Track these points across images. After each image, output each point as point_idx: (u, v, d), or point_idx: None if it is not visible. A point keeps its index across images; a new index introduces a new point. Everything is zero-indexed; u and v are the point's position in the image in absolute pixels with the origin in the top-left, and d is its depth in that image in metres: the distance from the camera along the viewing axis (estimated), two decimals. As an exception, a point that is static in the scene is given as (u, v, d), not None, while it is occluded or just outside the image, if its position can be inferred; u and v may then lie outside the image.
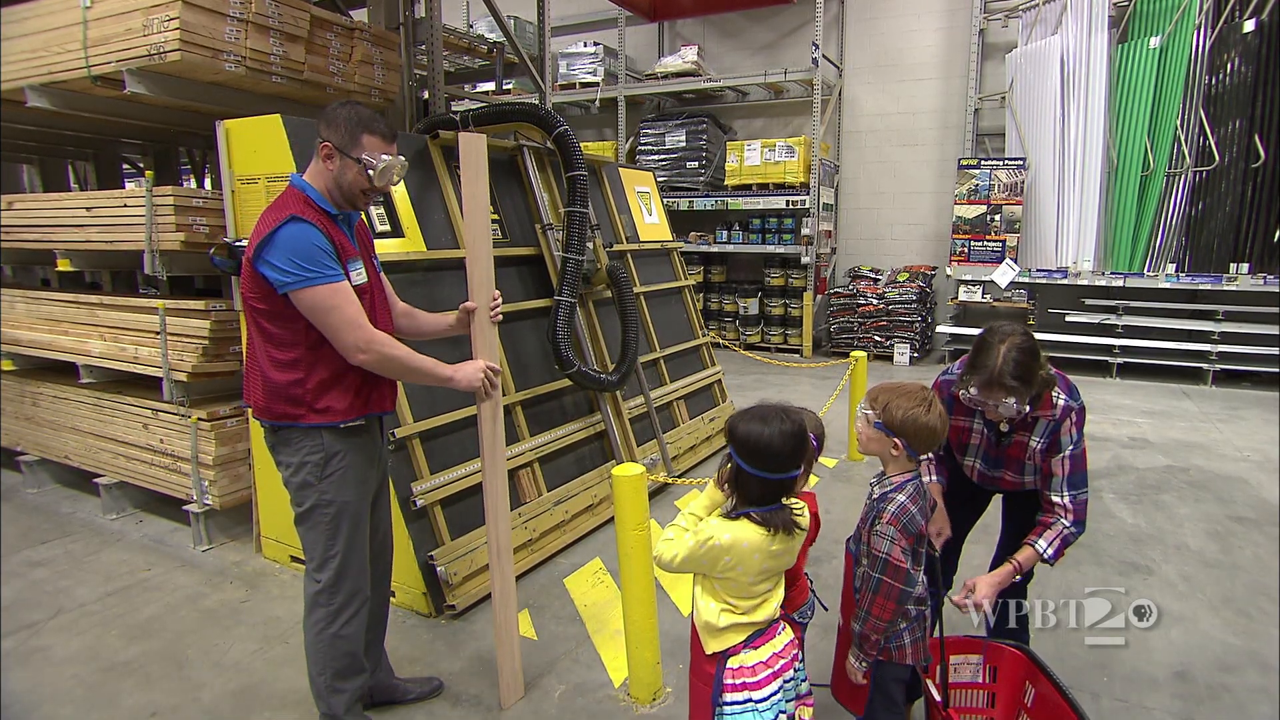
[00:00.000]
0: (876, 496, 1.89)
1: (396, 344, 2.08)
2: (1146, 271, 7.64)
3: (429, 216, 3.55)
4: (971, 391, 1.97)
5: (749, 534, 1.61)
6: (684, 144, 9.65)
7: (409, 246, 3.37)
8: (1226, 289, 7.24)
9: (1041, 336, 7.67)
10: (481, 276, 2.34)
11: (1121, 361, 7.74)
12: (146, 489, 3.93)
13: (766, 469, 1.61)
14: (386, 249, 3.16)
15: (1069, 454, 2.05)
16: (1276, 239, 7.19)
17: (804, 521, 1.68)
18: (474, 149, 2.33)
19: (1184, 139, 7.41)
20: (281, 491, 2.19)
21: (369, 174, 2.03)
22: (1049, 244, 7.99)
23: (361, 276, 2.08)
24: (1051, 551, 2.05)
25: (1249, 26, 7.08)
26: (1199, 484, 4.63)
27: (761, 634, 1.69)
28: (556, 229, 4.11)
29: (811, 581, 2.09)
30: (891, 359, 8.63)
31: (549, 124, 3.88)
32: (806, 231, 8.82)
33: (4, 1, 3.89)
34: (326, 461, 2.06)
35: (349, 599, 2.14)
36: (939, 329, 8.61)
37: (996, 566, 2.17)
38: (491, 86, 6.99)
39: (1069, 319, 7.97)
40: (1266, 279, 7.06)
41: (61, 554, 3.64)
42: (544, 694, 2.55)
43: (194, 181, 7.37)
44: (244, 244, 2.33)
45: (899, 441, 1.82)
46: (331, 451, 2.07)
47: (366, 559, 2.20)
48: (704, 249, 9.79)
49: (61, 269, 3.97)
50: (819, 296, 9.12)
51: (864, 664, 1.90)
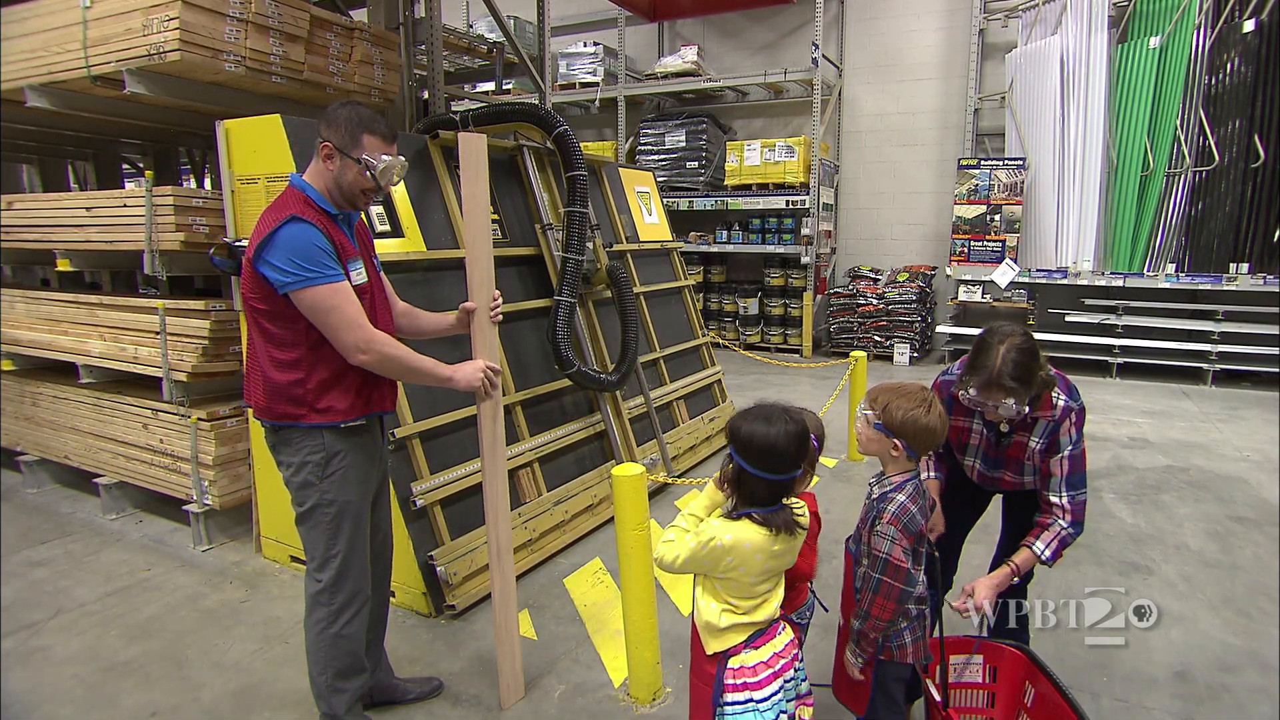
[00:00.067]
0: (876, 496, 1.89)
1: (396, 344, 2.08)
2: (1146, 271, 7.64)
3: (429, 216, 3.55)
4: (971, 392, 1.97)
5: (751, 534, 1.61)
6: (684, 144, 9.65)
7: (409, 246, 3.37)
8: (1226, 289, 7.24)
9: (1041, 336, 7.67)
10: (481, 276, 2.34)
11: (1121, 361, 7.74)
12: (146, 489, 3.94)
13: (770, 470, 1.61)
14: (386, 249, 3.16)
15: (1068, 455, 2.05)
16: (1276, 239, 7.19)
17: (804, 521, 1.68)
18: (474, 149, 2.33)
19: (1184, 139, 7.41)
20: (281, 491, 2.19)
21: (369, 174, 2.03)
22: (1049, 244, 7.99)
23: (361, 276, 2.09)
24: (1049, 553, 2.05)
25: (1249, 26, 7.08)
26: (1199, 484, 4.63)
27: (762, 634, 1.69)
28: (556, 229, 4.11)
29: (811, 582, 2.09)
30: (891, 359, 8.63)
31: (549, 124, 3.88)
32: (806, 231, 8.82)
33: (4, 1, 3.89)
34: (328, 461, 2.07)
35: (350, 599, 2.15)
36: (939, 329, 8.61)
37: (996, 567, 2.17)
38: (491, 86, 6.99)
39: (1069, 319, 7.97)
40: (1266, 279, 7.06)
41: (61, 554, 3.64)
42: (544, 694, 2.55)
43: (194, 181, 7.37)
44: (244, 244, 2.33)
45: (898, 442, 1.82)
46: (333, 451, 2.07)
47: (368, 559, 2.21)
48: (704, 249, 9.79)
49: (61, 269, 3.98)
50: (819, 296, 9.12)
51: (860, 659, 1.90)
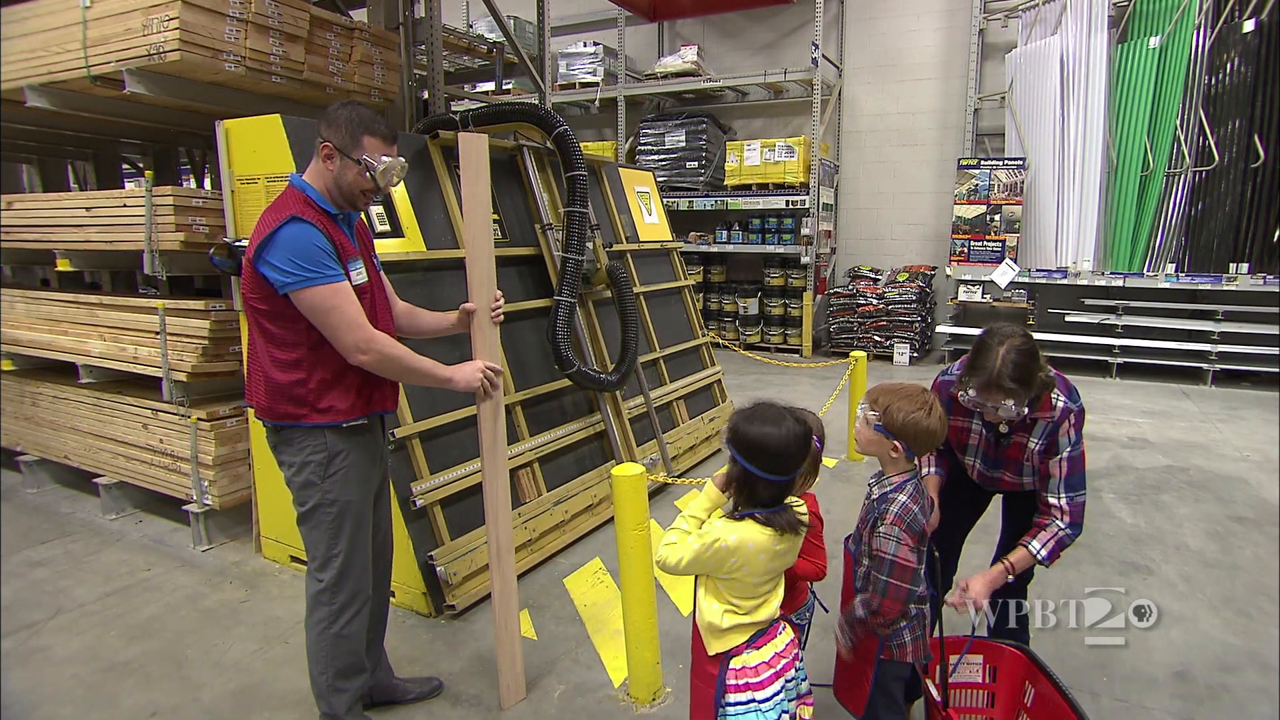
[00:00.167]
0: (876, 497, 1.89)
1: (396, 344, 2.08)
2: (1146, 271, 7.64)
3: (429, 216, 3.55)
4: (970, 393, 1.97)
5: (754, 535, 1.61)
6: (684, 144, 9.65)
7: (409, 246, 3.37)
8: (1226, 289, 7.24)
9: (1041, 336, 7.70)
10: (482, 276, 2.34)
11: (1121, 361, 7.74)
12: (146, 489, 3.94)
13: (775, 471, 1.61)
14: (386, 249, 3.16)
15: (1067, 456, 2.05)
16: (1276, 239, 7.19)
17: (805, 519, 1.68)
18: (475, 149, 2.33)
19: (1184, 139, 7.41)
20: (281, 491, 2.19)
21: (369, 175, 2.03)
22: (1049, 244, 7.99)
23: (362, 276, 2.09)
24: (1045, 553, 2.05)
25: (1249, 26, 7.08)
26: (1199, 484, 4.63)
27: (763, 634, 1.69)
28: (556, 229, 4.11)
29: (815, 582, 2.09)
30: (891, 359, 8.63)
31: (549, 124, 3.88)
32: (806, 231, 8.82)
33: (4, 1, 3.89)
34: (329, 461, 2.07)
35: (351, 598, 2.15)
36: (939, 329, 8.61)
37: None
38: (491, 86, 6.99)
39: (1069, 319, 7.97)
40: (1266, 279, 7.06)
41: (61, 554, 3.64)
42: (544, 694, 2.55)
43: (194, 181, 7.37)
44: (244, 244, 2.33)
45: (898, 444, 1.82)
46: (334, 451, 2.07)
47: (369, 558, 2.21)
48: (704, 249, 9.79)
49: (61, 269, 3.98)
50: (819, 296, 9.12)
51: (848, 641, 1.92)
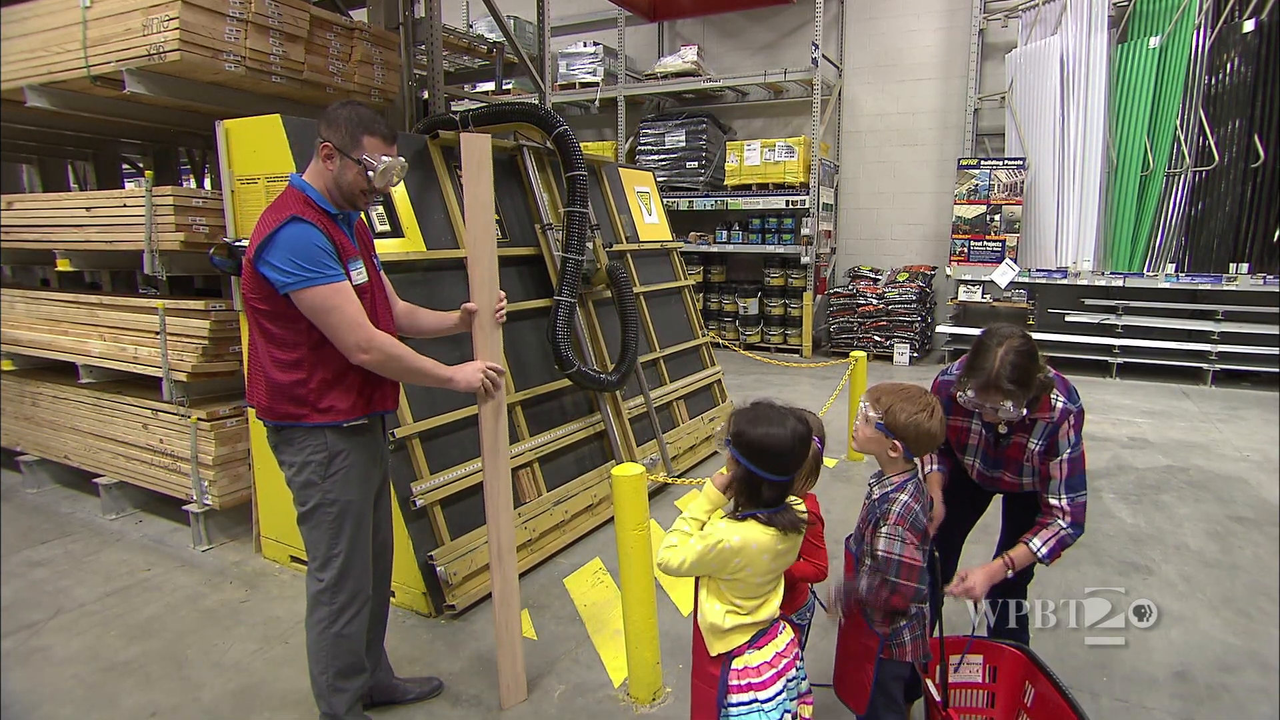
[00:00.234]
0: (877, 497, 1.89)
1: (397, 344, 2.08)
2: (1146, 271, 7.64)
3: (429, 216, 3.55)
4: (969, 394, 1.97)
5: (757, 535, 1.61)
6: (684, 144, 9.65)
7: (409, 246, 3.37)
8: (1226, 289, 7.24)
9: (1041, 336, 7.70)
10: (484, 276, 2.34)
11: (1121, 361, 7.74)
12: (146, 489, 3.94)
13: (779, 471, 1.62)
14: (386, 249, 3.16)
15: (1067, 458, 2.05)
16: (1276, 239, 7.19)
17: (805, 517, 1.69)
18: (477, 149, 2.32)
19: (1184, 139, 7.41)
20: (281, 491, 2.19)
21: (369, 175, 2.03)
22: (1049, 244, 7.99)
23: (362, 276, 2.09)
24: (1046, 551, 2.05)
25: (1249, 26, 7.08)
26: (1199, 484, 4.63)
27: (764, 634, 1.69)
28: (556, 229, 4.11)
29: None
30: (891, 359, 8.63)
31: (549, 124, 3.88)
32: (806, 231, 8.82)
33: (4, 1, 3.89)
34: (330, 461, 2.07)
35: (351, 598, 2.15)
36: (939, 329, 8.61)
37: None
38: (491, 86, 6.99)
39: (1069, 319, 7.97)
40: (1266, 279, 7.06)
41: (61, 554, 3.64)
42: (544, 694, 2.55)
43: (194, 181, 7.37)
44: (244, 244, 2.33)
45: (898, 443, 1.83)
46: (335, 451, 2.07)
47: (369, 558, 2.21)
48: (704, 249, 9.79)
49: (61, 269, 3.98)
50: (819, 296, 9.12)
51: (840, 611, 1.93)
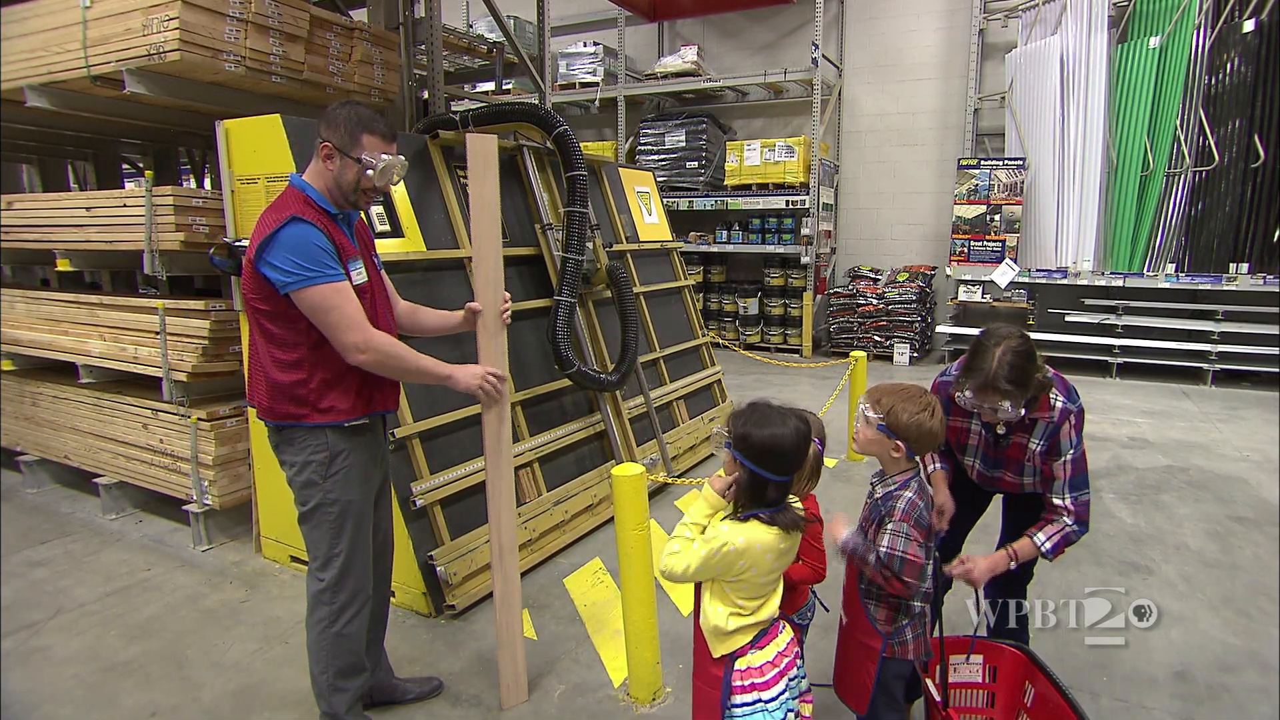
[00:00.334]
0: (880, 496, 1.89)
1: (396, 344, 2.08)
2: (1146, 271, 7.64)
3: (429, 216, 3.55)
4: (967, 395, 1.97)
5: (761, 535, 1.62)
6: (684, 144, 9.65)
7: (409, 246, 3.37)
8: (1226, 289, 7.24)
9: (1041, 336, 7.71)
10: (489, 277, 2.32)
11: (1121, 361, 7.74)
12: (146, 489, 3.93)
13: (782, 472, 1.62)
14: (386, 249, 3.16)
15: (1070, 458, 2.05)
16: (1276, 239, 7.19)
17: (803, 514, 1.69)
18: (483, 150, 2.31)
19: (1184, 139, 7.41)
20: (281, 491, 2.19)
21: (369, 174, 2.03)
22: (1049, 244, 7.99)
23: (362, 276, 2.09)
24: (1050, 546, 2.05)
25: (1249, 26, 7.08)
26: (1199, 484, 4.63)
27: (765, 633, 1.69)
28: (556, 229, 4.11)
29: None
30: (891, 359, 8.63)
31: (549, 124, 3.88)
32: (806, 231, 8.82)
33: (4, 1, 3.89)
34: (330, 461, 2.07)
35: (352, 598, 2.15)
36: (939, 329, 8.61)
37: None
38: (491, 86, 7.00)
39: (1069, 319, 7.97)
40: (1266, 279, 7.06)
41: (61, 554, 3.64)
42: (544, 694, 2.55)
43: (194, 181, 7.37)
44: (244, 244, 2.33)
45: (899, 443, 1.83)
46: (335, 450, 2.07)
47: (370, 558, 2.21)
48: (704, 249, 9.79)
49: (61, 269, 3.98)
50: (819, 296, 9.12)
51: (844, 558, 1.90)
